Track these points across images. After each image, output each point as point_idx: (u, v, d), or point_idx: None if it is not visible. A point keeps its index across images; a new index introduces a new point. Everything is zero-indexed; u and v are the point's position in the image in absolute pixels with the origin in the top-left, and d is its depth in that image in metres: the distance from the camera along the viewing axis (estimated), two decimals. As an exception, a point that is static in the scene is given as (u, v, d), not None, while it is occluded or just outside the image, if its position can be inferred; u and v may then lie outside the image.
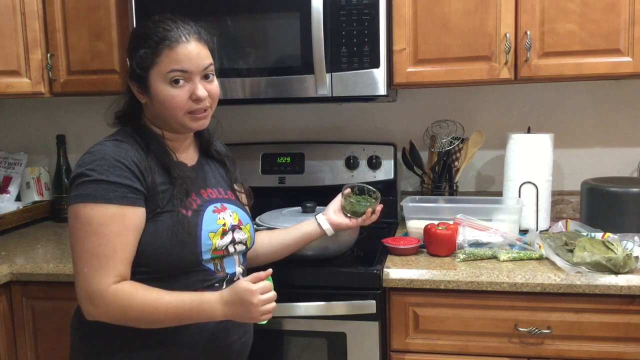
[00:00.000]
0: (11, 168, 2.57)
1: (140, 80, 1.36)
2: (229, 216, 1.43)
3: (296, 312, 1.70)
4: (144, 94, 1.38)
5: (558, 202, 2.25)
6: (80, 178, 1.29)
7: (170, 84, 1.33)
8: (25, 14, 2.14)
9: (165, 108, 1.35)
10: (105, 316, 1.29)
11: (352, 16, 1.86)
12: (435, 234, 1.79)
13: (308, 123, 2.42)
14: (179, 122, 1.37)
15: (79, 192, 1.28)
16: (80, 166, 1.31)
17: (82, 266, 1.27)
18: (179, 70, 1.33)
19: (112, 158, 1.31)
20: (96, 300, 1.27)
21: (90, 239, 1.27)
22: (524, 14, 1.86)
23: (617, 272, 1.60)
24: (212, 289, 1.37)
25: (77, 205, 1.28)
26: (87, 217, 1.27)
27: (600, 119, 2.23)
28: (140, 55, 1.34)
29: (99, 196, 1.27)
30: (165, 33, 1.33)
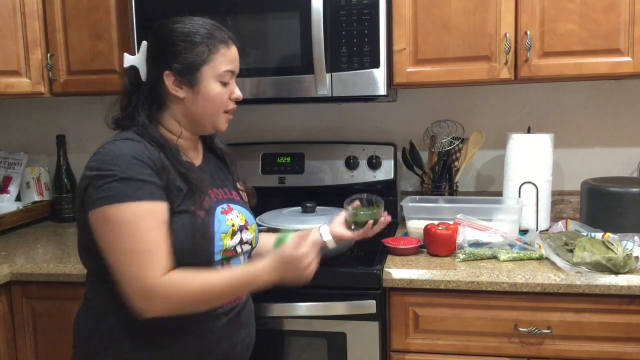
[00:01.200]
0: (11, 168, 2.57)
1: (188, 74, 1.35)
2: (236, 217, 1.44)
3: (296, 312, 1.70)
4: (184, 88, 1.36)
5: (558, 202, 2.25)
6: (101, 179, 1.26)
7: (221, 82, 1.38)
8: (25, 14, 2.14)
9: (211, 104, 1.38)
10: (162, 309, 1.26)
11: (352, 16, 1.86)
12: (435, 234, 1.79)
13: (308, 123, 2.42)
14: (216, 119, 1.41)
15: (103, 194, 1.25)
16: (96, 168, 1.28)
17: (127, 267, 1.24)
18: (231, 70, 1.39)
19: (129, 156, 1.28)
20: (151, 295, 1.24)
21: (127, 239, 1.24)
22: (524, 14, 1.86)
23: (617, 272, 1.60)
24: None
25: (105, 207, 1.24)
26: (120, 217, 1.24)
27: (600, 119, 2.23)
28: (197, 50, 1.35)
29: (128, 195, 1.24)
30: (216, 32, 1.38)
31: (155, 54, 1.38)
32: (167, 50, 1.36)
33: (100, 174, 1.26)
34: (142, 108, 1.38)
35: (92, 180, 1.27)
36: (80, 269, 1.82)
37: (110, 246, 1.26)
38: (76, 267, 1.84)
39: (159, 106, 1.39)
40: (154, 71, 1.37)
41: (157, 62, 1.37)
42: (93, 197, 1.26)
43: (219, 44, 1.37)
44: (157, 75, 1.37)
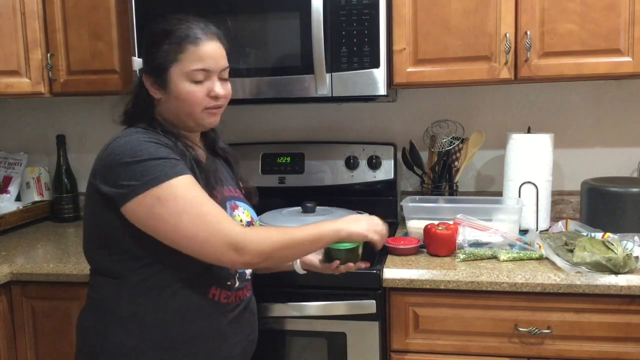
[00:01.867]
0: (11, 168, 2.57)
1: (159, 75, 1.37)
2: (242, 213, 1.46)
3: (296, 312, 1.70)
4: (160, 90, 1.38)
5: (558, 202, 2.25)
6: (132, 166, 1.25)
7: (191, 81, 1.35)
8: (25, 14, 2.14)
9: (184, 104, 1.37)
10: (256, 254, 1.26)
11: (352, 16, 1.86)
12: (435, 234, 1.79)
13: (308, 123, 2.42)
14: (196, 118, 1.39)
15: (143, 178, 1.24)
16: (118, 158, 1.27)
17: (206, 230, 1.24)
18: (201, 69, 1.35)
19: (150, 142, 1.29)
20: (242, 243, 1.24)
21: (190, 209, 1.24)
22: (524, 14, 1.86)
23: (617, 272, 1.60)
24: (224, 287, 1.39)
25: (152, 190, 1.24)
26: (173, 193, 1.24)
27: (600, 119, 2.23)
28: (163, 50, 1.35)
29: (169, 173, 1.25)
30: (188, 31, 1.36)
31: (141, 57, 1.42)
32: (145, 52, 1.39)
33: (129, 161, 1.26)
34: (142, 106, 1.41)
35: (120, 170, 1.26)
36: (80, 269, 1.82)
37: (174, 223, 1.24)
38: (76, 267, 1.84)
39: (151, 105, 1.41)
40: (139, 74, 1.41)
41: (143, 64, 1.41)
42: (131, 185, 1.25)
43: (187, 44, 1.35)
44: (141, 78, 1.40)
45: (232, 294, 1.41)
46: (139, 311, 1.33)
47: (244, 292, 1.46)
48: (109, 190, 1.28)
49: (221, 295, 1.39)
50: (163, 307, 1.33)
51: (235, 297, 1.42)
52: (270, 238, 1.29)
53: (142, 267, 1.33)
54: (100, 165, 1.31)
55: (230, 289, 1.41)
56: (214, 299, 1.38)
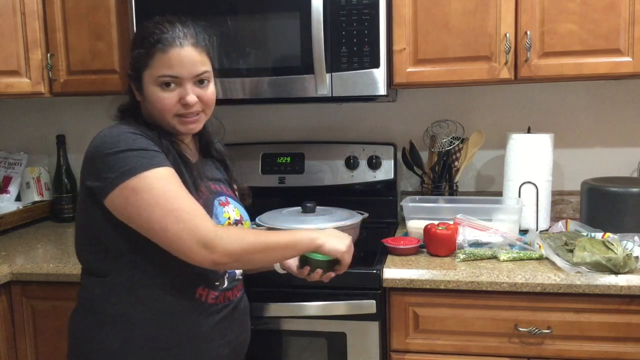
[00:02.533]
0: (11, 168, 2.57)
1: (135, 80, 1.38)
2: (232, 210, 1.45)
3: (296, 312, 1.70)
4: (138, 93, 1.40)
5: (558, 202, 2.25)
6: (109, 157, 1.25)
7: (161, 87, 1.34)
8: (25, 14, 2.14)
9: (155, 109, 1.36)
10: (225, 254, 1.24)
11: (352, 16, 1.86)
12: (435, 234, 1.79)
13: (308, 123, 2.42)
14: (168, 124, 1.38)
15: (121, 169, 1.24)
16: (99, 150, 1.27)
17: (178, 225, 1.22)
18: (169, 75, 1.33)
19: (129, 133, 1.29)
20: (212, 241, 1.23)
21: (164, 202, 1.23)
22: (524, 14, 1.86)
23: (617, 272, 1.60)
24: (212, 287, 1.38)
25: (128, 181, 1.23)
26: (147, 185, 1.23)
27: (600, 119, 2.23)
28: (135, 55, 1.36)
29: (146, 164, 1.25)
30: (160, 36, 1.34)
31: None
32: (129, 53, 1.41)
33: (108, 152, 1.25)
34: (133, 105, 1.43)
35: (100, 163, 1.26)
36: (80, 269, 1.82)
37: (148, 215, 1.23)
38: (76, 267, 1.84)
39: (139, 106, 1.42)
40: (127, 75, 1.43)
41: None
42: (109, 177, 1.25)
43: (155, 50, 1.33)
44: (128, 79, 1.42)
45: (220, 294, 1.40)
46: (126, 311, 1.33)
47: (233, 293, 1.44)
48: (92, 183, 1.29)
49: (208, 295, 1.38)
50: (150, 307, 1.33)
51: (223, 298, 1.41)
52: (242, 239, 1.27)
53: (127, 264, 1.32)
54: (85, 159, 1.32)
55: (218, 289, 1.40)
56: (201, 299, 1.36)
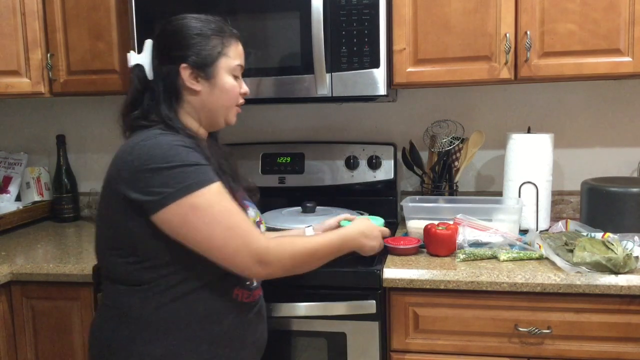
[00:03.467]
0: (11, 168, 2.57)
1: (204, 67, 1.37)
2: (253, 213, 1.48)
3: (296, 312, 1.70)
4: (201, 81, 1.38)
5: (558, 202, 2.25)
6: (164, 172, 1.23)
7: (233, 75, 1.42)
8: (25, 14, 2.14)
9: (227, 96, 1.42)
10: (279, 268, 1.32)
11: (352, 16, 1.86)
12: (435, 234, 1.79)
13: (308, 123, 2.42)
14: (229, 112, 1.45)
15: (178, 185, 1.23)
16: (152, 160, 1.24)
17: (234, 241, 1.26)
18: (240, 65, 1.44)
19: (179, 145, 1.28)
20: (267, 257, 1.28)
21: (221, 218, 1.26)
22: (524, 14, 1.86)
23: (617, 272, 1.60)
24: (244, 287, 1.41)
25: (187, 197, 1.23)
26: (205, 202, 1.25)
27: (600, 119, 2.23)
28: (211, 43, 1.38)
29: (203, 180, 1.25)
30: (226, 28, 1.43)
31: (167, 49, 1.38)
32: (182, 44, 1.37)
33: (161, 167, 1.23)
34: (163, 103, 1.37)
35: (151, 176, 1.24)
36: (80, 269, 1.82)
37: (206, 231, 1.25)
38: (76, 267, 1.84)
39: (177, 100, 1.39)
40: (167, 66, 1.37)
41: (170, 57, 1.37)
42: (163, 192, 1.23)
43: (231, 38, 1.42)
44: (171, 69, 1.37)
45: (251, 293, 1.43)
46: (167, 317, 1.31)
47: (258, 292, 1.48)
48: (138, 196, 1.25)
49: (243, 295, 1.41)
50: (190, 311, 1.33)
51: (253, 297, 1.44)
52: (292, 251, 1.34)
53: (166, 273, 1.31)
54: (127, 170, 1.27)
55: (249, 289, 1.43)
56: (237, 299, 1.39)
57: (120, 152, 1.31)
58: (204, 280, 1.33)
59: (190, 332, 1.33)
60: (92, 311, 1.84)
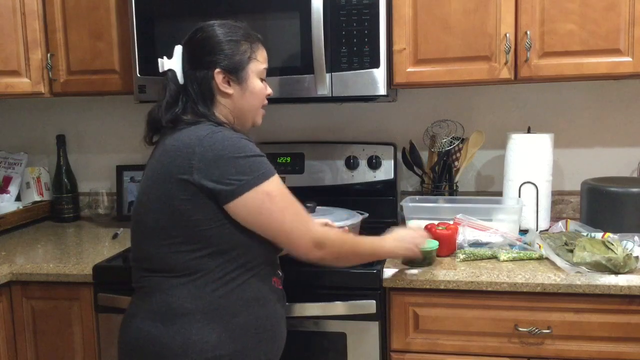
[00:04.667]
0: (11, 168, 2.57)
1: (236, 71, 1.44)
2: None
3: (296, 312, 1.70)
4: (233, 85, 1.44)
5: (558, 202, 2.25)
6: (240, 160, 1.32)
7: (260, 79, 1.49)
8: (25, 14, 2.14)
9: (257, 99, 1.49)
10: (332, 253, 1.43)
11: (352, 16, 1.86)
12: (435, 234, 1.78)
13: (308, 123, 2.42)
14: (257, 114, 1.52)
15: (254, 173, 1.33)
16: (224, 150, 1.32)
17: (299, 226, 1.38)
18: (266, 68, 1.51)
19: (243, 138, 1.38)
20: (323, 242, 1.40)
21: (289, 205, 1.37)
22: (524, 14, 1.86)
23: (617, 272, 1.60)
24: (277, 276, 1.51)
25: (263, 184, 1.33)
26: (277, 190, 1.36)
27: (600, 119, 2.23)
28: (242, 48, 1.45)
29: (271, 170, 1.37)
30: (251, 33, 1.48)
31: (200, 55, 1.44)
32: (215, 50, 1.43)
33: (237, 156, 1.33)
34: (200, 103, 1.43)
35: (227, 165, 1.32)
36: (80, 269, 1.82)
37: (280, 216, 1.36)
38: (76, 267, 1.84)
39: (211, 102, 1.45)
40: (200, 71, 1.43)
41: (203, 62, 1.43)
42: (242, 179, 1.32)
43: (258, 42, 1.49)
44: (206, 74, 1.42)
45: (281, 282, 1.54)
46: (220, 304, 1.37)
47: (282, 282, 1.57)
48: (214, 185, 1.32)
49: (277, 282, 1.51)
50: (240, 296, 1.39)
51: (282, 286, 1.55)
52: (344, 241, 1.47)
53: (225, 262, 1.37)
54: (200, 160, 1.32)
55: (280, 277, 1.53)
56: (275, 285, 1.49)
57: (183, 144, 1.35)
58: (253, 267, 1.41)
59: (240, 317, 1.39)
60: (92, 311, 1.84)
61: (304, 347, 1.75)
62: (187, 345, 1.34)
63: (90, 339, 1.86)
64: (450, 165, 2.17)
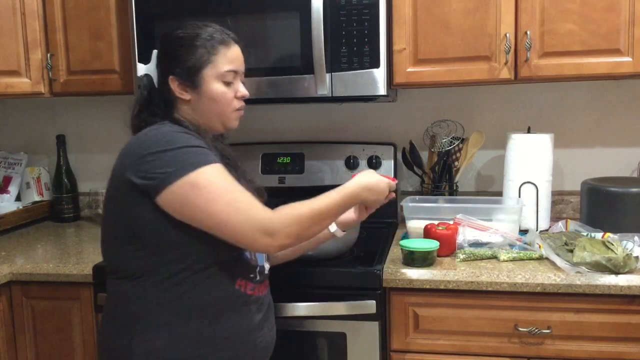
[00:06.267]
0: (11, 168, 2.57)
1: (190, 77, 1.40)
2: None
3: (296, 312, 1.70)
4: (189, 91, 1.42)
5: (558, 202, 2.25)
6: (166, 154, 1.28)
7: (223, 82, 1.42)
8: (25, 14, 2.14)
9: (217, 104, 1.42)
10: (286, 237, 1.31)
11: (352, 16, 1.86)
12: (435, 234, 1.79)
13: (308, 123, 2.42)
14: (225, 118, 1.44)
15: (179, 164, 1.27)
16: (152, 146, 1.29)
17: (237, 216, 1.27)
18: (232, 70, 1.43)
19: (180, 132, 1.33)
20: (272, 227, 1.29)
21: (223, 193, 1.28)
22: (524, 14, 1.86)
23: (617, 272, 1.60)
24: (248, 279, 1.41)
25: (188, 176, 1.26)
26: (206, 180, 1.27)
27: (600, 119, 2.23)
28: (197, 52, 1.40)
29: (204, 160, 1.29)
30: (217, 35, 1.42)
31: (161, 61, 1.45)
32: (170, 56, 1.42)
33: (162, 149, 1.28)
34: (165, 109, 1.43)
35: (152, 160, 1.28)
36: (80, 269, 1.82)
37: (209, 207, 1.27)
38: (76, 267, 1.84)
39: (174, 108, 1.44)
40: (161, 77, 1.44)
41: (163, 68, 1.43)
42: (165, 172, 1.27)
43: (218, 45, 1.41)
44: (164, 80, 1.42)
45: (255, 286, 1.43)
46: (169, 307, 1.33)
47: (264, 288, 1.48)
48: (142, 181, 1.28)
49: (247, 286, 1.41)
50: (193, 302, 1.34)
51: (258, 291, 1.45)
52: (297, 217, 1.33)
53: (171, 261, 1.33)
54: (131, 157, 1.31)
55: (253, 282, 1.43)
56: (241, 290, 1.39)
57: (126, 145, 1.36)
58: (204, 268, 1.34)
59: (192, 320, 1.33)
60: (92, 311, 1.84)
61: (304, 347, 1.75)
62: (132, 347, 1.33)
63: (90, 339, 1.86)
64: (450, 165, 2.17)
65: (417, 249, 1.69)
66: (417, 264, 1.69)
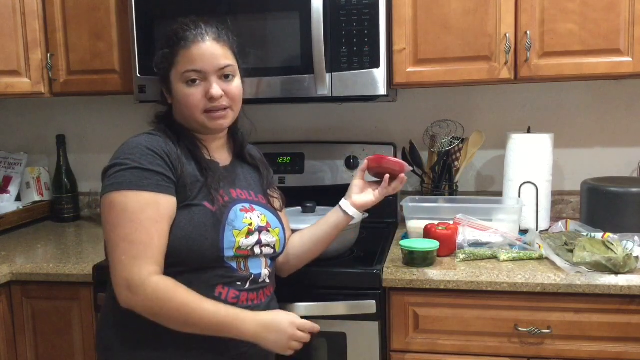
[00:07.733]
0: (11, 168, 2.57)
1: (164, 81, 1.42)
2: (257, 217, 1.44)
3: (296, 312, 1.69)
4: (168, 96, 1.44)
5: (558, 202, 2.25)
6: (114, 168, 1.32)
7: (187, 83, 1.37)
8: (25, 14, 2.14)
9: (184, 107, 1.39)
10: (141, 306, 1.28)
11: (352, 16, 1.86)
12: (435, 234, 1.78)
13: (308, 123, 2.42)
14: (197, 121, 1.40)
15: (112, 181, 1.30)
16: (115, 158, 1.34)
17: (120, 254, 1.27)
18: (192, 70, 1.37)
19: (144, 147, 1.33)
20: (137, 288, 1.26)
21: (126, 225, 1.27)
22: (523, 14, 1.86)
23: (617, 272, 1.60)
24: (233, 286, 1.37)
25: (111, 193, 1.29)
26: (122, 204, 1.28)
27: (600, 119, 2.23)
28: (160, 56, 1.41)
29: (133, 183, 1.29)
30: (183, 34, 1.38)
31: None
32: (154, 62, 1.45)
33: (115, 163, 1.32)
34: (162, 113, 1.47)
35: (108, 169, 1.33)
36: (80, 269, 1.83)
37: (110, 230, 1.29)
38: (76, 267, 1.84)
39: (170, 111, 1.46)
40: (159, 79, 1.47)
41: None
42: (104, 184, 1.32)
43: (177, 47, 1.38)
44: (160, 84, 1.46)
45: (240, 294, 1.39)
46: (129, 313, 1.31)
47: (257, 296, 1.43)
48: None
49: (228, 294, 1.37)
50: None
51: (246, 299, 1.39)
52: (168, 300, 1.26)
53: None
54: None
55: (239, 289, 1.39)
56: (220, 297, 1.35)
57: None
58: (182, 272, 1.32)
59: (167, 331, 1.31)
60: (92, 311, 1.84)
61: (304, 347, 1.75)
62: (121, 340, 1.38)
63: (90, 339, 1.85)
64: (450, 165, 2.17)
65: (417, 249, 1.69)
66: (417, 264, 1.69)
